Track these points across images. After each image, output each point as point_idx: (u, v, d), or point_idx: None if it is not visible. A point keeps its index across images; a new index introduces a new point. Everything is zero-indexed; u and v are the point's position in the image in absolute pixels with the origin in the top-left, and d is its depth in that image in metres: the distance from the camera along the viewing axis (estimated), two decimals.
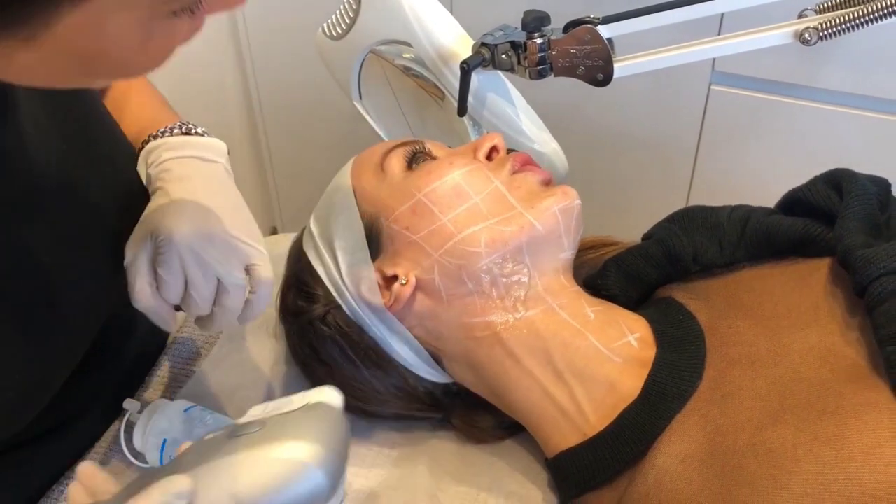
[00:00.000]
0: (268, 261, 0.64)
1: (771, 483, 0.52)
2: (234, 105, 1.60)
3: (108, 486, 0.54)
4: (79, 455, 0.75)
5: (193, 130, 0.68)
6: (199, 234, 0.61)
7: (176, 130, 0.68)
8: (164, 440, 0.69)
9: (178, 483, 0.46)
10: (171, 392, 0.80)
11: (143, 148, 0.68)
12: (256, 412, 0.51)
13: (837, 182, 0.66)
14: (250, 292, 0.64)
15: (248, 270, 0.63)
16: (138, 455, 0.72)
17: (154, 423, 0.70)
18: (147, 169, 0.67)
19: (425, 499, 0.68)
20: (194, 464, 0.47)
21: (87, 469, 0.55)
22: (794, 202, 0.69)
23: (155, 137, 0.68)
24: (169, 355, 0.84)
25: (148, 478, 0.48)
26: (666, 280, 0.71)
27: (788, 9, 0.63)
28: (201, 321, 0.65)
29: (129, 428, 0.72)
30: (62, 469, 0.73)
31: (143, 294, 0.61)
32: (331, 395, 0.51)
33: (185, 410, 0.71)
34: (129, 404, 0.73)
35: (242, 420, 0.50)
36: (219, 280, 0.61)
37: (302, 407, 0.50)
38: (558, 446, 0.65)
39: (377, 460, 0.73)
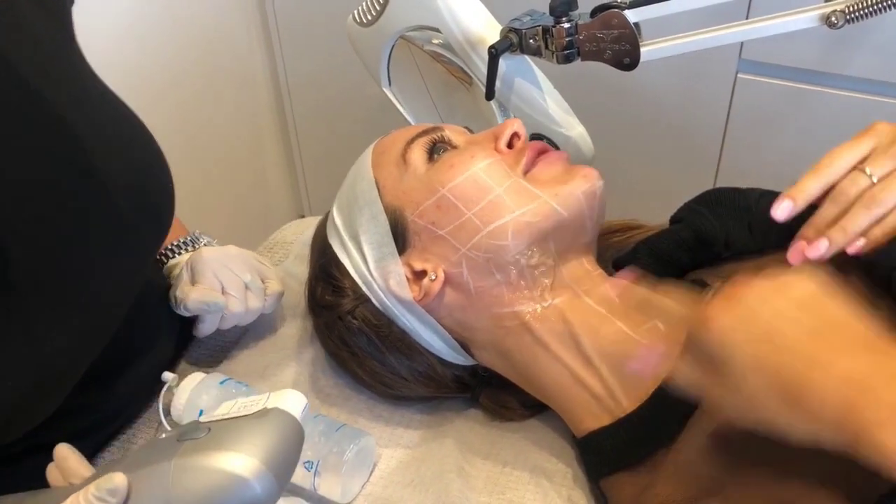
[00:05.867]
0: (277, 276, 0.81)
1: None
2: (263, 91, 1.61)
3: (81, 470, 0.55)
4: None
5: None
6: (224, 253, 0.77)
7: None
8: (201, 411, 0.71)
9: (114, 480, 0.46)
10: (206, 370, 0.82)
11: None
12: (225, 409, 0.51)
13: None
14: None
15: (262, 281, 0.78)
16: (177, 426, 0.74)
17: (191, 394, 0.72)
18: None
19: (453, 470, 0.69)
20: (139, 464, 0.47)
21: (60, 451, 0.56)
22: None
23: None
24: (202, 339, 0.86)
25: (105, 468, 0.49)
26: (696, 265, 0.71)
27: None
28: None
29: (168, 400, 0.74)
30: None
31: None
32: (293, 401, 0.50)
33: (221, 383, 0.73)
34: (168, 376, 0.75)
35: (205, 419, 0.50)
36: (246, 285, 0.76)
37: (256, 412, 0.49)
38: (590, 427, 0.65)
39: (403, 439, 0.74)
